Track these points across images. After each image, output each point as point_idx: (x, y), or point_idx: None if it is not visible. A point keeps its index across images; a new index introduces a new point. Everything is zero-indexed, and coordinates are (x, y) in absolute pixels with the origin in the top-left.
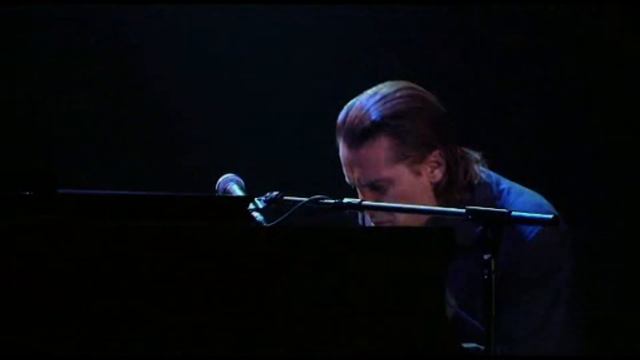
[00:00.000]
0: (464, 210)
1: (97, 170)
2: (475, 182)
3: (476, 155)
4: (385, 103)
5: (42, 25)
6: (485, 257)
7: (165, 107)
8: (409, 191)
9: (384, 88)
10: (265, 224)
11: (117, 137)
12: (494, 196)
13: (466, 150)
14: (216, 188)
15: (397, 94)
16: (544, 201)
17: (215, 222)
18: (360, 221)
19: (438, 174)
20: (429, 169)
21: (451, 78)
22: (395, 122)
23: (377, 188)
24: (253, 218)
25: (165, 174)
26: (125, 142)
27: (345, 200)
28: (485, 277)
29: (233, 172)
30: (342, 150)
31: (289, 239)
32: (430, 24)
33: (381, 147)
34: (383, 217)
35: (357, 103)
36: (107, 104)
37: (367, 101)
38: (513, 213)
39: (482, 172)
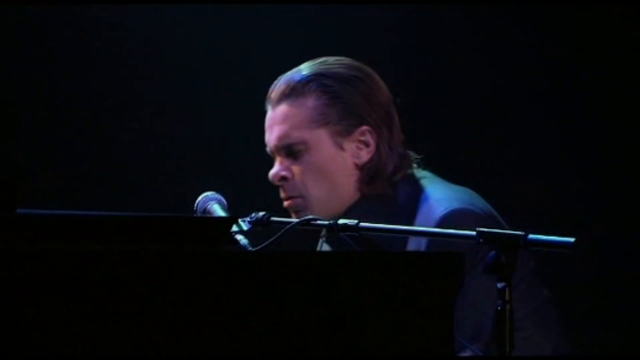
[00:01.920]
0: (474, 233)
1: (63, 188)
2: (409, 181)
3: (416, 157)
4: (322, 65)
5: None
6: (499, 285)
7: (138, 116)
8: (326, 163)
9: (327, 57)
10: (250, 248)
11: (85, 150)
12: (415, 196)
13: (407, 151)
14: (195, 208)
15: (338, 62)
16: (461, 194)
17: (194, 246)
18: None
19: (364, 155)
20: (354, 146)
21: (452, 78)
22: (326, 81)
23: (293, 153)
24: (237, 242)
25: (138, 191)
26: (94, 157)
27: (341, 221)
28: (499, 308)
29: (214, 190)
30: (267, 115)
31: (278, 265)
32: (431, 24)
33: (305, 105)
34: (294, 191)
35: (294, 68)
36: (76, 114)
37: (304, 64)
38: (530, 236)
39: (416, 171)
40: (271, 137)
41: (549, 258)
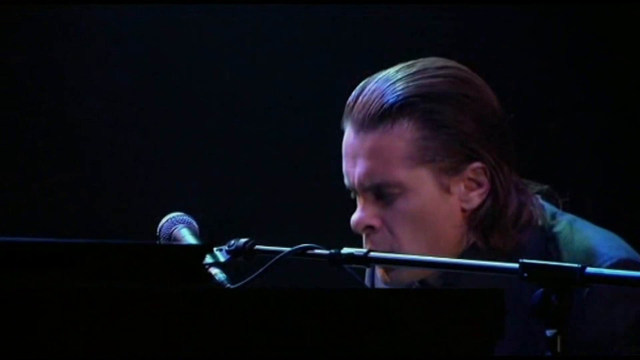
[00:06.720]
0: (517, 266)
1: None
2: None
3: (541, 189)
4: (420, 79)
5: None
6: (549, 333)
7: (93, 121)
8: (427, 210)
9: (423, 61)
10: (229, 285)
11: (30, 163)
12: (546, 237)
13: (525, 181)
14: (158, 232)
15: (440, 72)
16: (618, 240)
17: (157, 282)
18: (367, 280)
19: (475, 198)
20: (463, 188)
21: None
22: (428, 104)
23: (384, 196)
24: (211, 276)
25: (91, 214)
26: (40, 171)
27: (345, 250)
28: None
29: (182, 211)
30: (347, 137)
31: (265, 306)
32: (435, 25)
33: (402, 136)
34: (383, 244)
35: (381, 75)
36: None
37: (396, 74)
38: (588, 270)
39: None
40: (355, 171)
41: None
